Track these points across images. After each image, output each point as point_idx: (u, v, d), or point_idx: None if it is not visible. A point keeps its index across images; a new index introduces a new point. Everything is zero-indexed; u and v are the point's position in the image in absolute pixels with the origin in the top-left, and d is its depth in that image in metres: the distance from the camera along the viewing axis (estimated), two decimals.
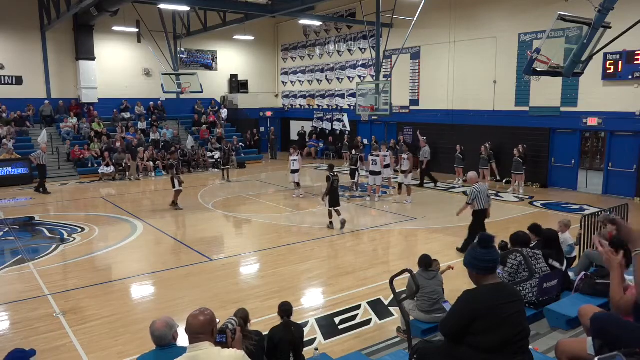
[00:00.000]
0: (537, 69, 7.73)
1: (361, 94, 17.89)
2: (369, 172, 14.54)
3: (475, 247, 3.05)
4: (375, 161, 14.20)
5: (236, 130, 25.45)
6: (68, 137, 20.62)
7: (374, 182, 14.45)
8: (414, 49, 20.18)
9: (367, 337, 6.11)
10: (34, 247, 10.15)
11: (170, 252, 9.91)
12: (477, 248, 3.04)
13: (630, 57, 13.73)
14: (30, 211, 13.59)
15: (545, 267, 5.65)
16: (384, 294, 7.32)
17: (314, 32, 25.76)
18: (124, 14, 19.68)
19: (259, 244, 10.56)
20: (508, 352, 2.95)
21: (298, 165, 14.86)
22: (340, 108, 24.66)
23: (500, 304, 2.95)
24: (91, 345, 5.96)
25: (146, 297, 7.87)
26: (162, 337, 3.43)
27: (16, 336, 6.24)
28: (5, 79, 21.01)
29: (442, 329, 3.20)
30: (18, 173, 17.91)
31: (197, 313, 2.86)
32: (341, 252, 9.81)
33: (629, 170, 14.54)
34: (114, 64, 23.26)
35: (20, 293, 7.67)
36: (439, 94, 19.54)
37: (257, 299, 7.28)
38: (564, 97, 15.67)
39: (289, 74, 27.90)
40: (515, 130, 16.81)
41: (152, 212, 13.57)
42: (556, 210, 13.17)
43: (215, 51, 26.42)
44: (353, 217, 12.70)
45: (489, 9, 17.58)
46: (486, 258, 3.01)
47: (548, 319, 5.35)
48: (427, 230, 11.30)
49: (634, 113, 14.09)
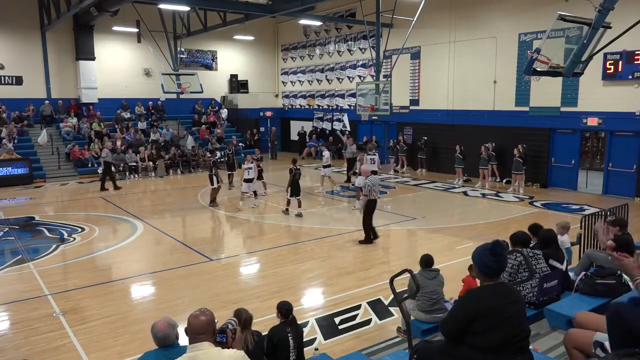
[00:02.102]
0: (537, 69, 7.73)
1: (361, 94, 17.88)
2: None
3: (487, 252, 3.03)
4: (373, 160, 14.32)
5: (236, 130, 25.46)
6: (68, 137, 20.62)
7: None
8: (414, 49, 20.18)
9: (367, 337, 6.11)
10: (34, 247, 10.15)
11: (170, 252, 9.91)
12: (487, 254, 3.02)
13: (630, 57, 13.73)
14: (30, 211, 13.59)
15: (546, 267, 5.64)
16: (384, 294, 7.32)
17: (314, 32, 25.76)
18: (124, 14, 19.67)
19: (259, 244, 10.56)
20: (508, 352, 2.95)
21: (253, 174, 13.83)
22: (340, 108, 24.66)
23: (500, 304, 2.95)
24: (91, 345, 5.96)
25: (146, 297, 7.87)
26: (165, 337, 3.42)
27: (16, 336, 6.23)
28: (5, 79, 21.01)
29: (442, 329, 3.20)
30: (18, 173, 17.91)
31: (197, 313, 2.87)
32: (341, 252, 9.80)
33: (629, 170, 14.54)
34: (114, 64, 23.26)
35: (20, 293, 7.67)
36: (439, 94, 19.54)
37: (257, 299, 7.28)
38: (564, 97, 15.67)
39: (289, 74, 27.90)
40: (515, 130, 16.81)
41: (152, 212, 13.57)
42: (556, 210, 13.17)
43: (215, 51, 26.42)
44: (353, 217, 12.72)
45: (489, 9, 17.58)
46: (493, 265, 3.03)
47: (548, 319, 5.35)
48: (427, 230, 11.30)
49: (634, 113, 14.09)
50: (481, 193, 15.65)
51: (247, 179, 13.80)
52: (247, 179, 13.79)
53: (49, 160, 19.57)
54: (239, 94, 26.78)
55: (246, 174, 13.84)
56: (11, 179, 17.65)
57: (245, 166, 14.01)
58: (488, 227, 11.45)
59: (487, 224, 11.78)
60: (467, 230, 11.29)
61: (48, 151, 19.86)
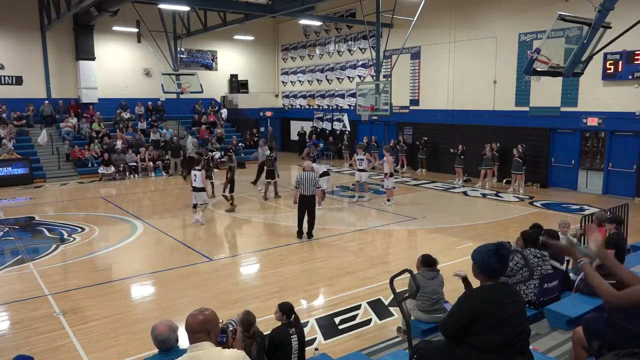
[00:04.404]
0: (537, 69, 7.73)
1: (361, 94, 17.87)
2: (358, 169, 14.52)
3: (490, 254, 3.02)
4: (362, 161, 14.20)
5: (236, 130, 25.45)
6: (68, 137, 20.62)
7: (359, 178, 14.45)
8: (414, 49, 20.18)
9: (367, 337, 6.11)
10: (34, 247, 10.14)
11: (170, 252, 9.90)
12: (491, 255, 3.02)
13: (630, 57, 13.73)
14: (30, 211, 13.59)
15: (550, 269, 5.67)
16: (384, 294, 7.31)
17: (314, 32, 25.76)
18: (124, 14, 19.67)
19: (259, 244, 10.56)
20: (508, 352, 2.95)
21: (200, 182, 11.72)
22: (340, 108, 24.66)
23: (501, 304, 2.95)
24: (91, 345, 5.95)
25: (146, 297, 7.87)
26: (166, 340, 3.40)
27: (16, 336, 6.23)
28: (5, 79, 21.01)
29: (442, 329, 3.20)
30: (18, 173, 17.90)
31: (196, 312, 2.87)
32: (341, 252, 9.80)
33: (629, 170, 14.54)
34: (114, 64, 23.26)
35: (20, 293, 7.67)
36: (439, 94, 19.54)
37: (257, 299, 7.28)
38: (564, 97, 15.67)
39: (289, 74, 27.89)
40: (515, 130, 16.81)
41: (152, 212, 13.56)
42: (556, 210, 13.17)
43: (215, 51, 26.42)
44: (353, 217, 12.71)
45: (489, 9, 17.58)
46: (496, 267, 3.03)
47: (548, 319, 5.35)
48: (427, 230, 11.30)
49: (634, 113, 14.09)
50: (481, 193, 15.65)
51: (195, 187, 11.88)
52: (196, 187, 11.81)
53: (49, 160, 19.57)
54: (239, 94, 26.78)
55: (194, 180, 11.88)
56: (11, 179, 17.65)
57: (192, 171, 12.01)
58: (488, 227, 11.45)
59: (487, 224, 11.78)
60: (467, 230, 11.29)
61: (48, 151, 19.85)
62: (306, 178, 10.32)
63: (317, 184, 10.50)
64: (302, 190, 10.32)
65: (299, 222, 10.56)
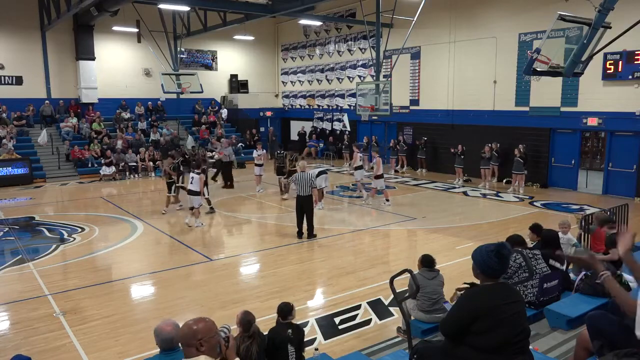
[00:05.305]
0: (537, 69, 7.74)
1: (361, 94, 17.88)
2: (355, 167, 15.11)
3: (491, 254, 3.02)
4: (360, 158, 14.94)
5: (236, 130, 25.45)
6: (68, 137, 20.62)
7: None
8: (414, 49, 20.18)
9: (367, 337, 6.11)
10: (34, 247, 10.15)
11: (170, 252, 9.91)
12: (492, 255, 3.01)
13: (630, 57, 13.73)
14: (30, 211, 13.59)
15: (546, 268, 5.65)
16: (384, 294, 7.31)
17: (314, 32, 25.76)
18: (124, 14, 19.66)
19: (259, 244, 10.56)
20: (508, 352, 2.95)
21: (197, 186, 11.52)
22: (340, 108, 24.65)
23: (501, 304, 2.95)
24: (91, 345, 5.95)
25: (146, 297, 7.87)
26: (169, 339, 3.36)
27: (16, 336, 6.23)
28: (5, 79, 21.01)
29: (442, 329, 3.20)
30: (18, 173, 17.91)
31: (190, 322, 2.66)
32: (341, 252, 9.80)
33: (629, 170, 14.54)
34: (114, 64, 23.26)
35: (20, 293, 7.66)
36: (439, 94, 19.54)
37: (257, 299, 7.28)
38: (564, 97, 15.67)
39: (289, 74, 27.89)
40: (515, 130, 16.81)
41: (152, 212, 13.56)
42: (556, 210, 13.17)
43: (215, 51, 26.42)
44: (352, 217, 12.71)
45: (489, 9, 17.58)
46: (497, 267, 3.03)
47: (548, 319, 5.35)
48: (427, 230, 11.30)
49: (634, 113, 14.08)
50: (481, 193, 15.65)
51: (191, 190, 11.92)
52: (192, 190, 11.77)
53: (49, 160, 19.57)
54: (239, 93, 26.77)
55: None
56: (11, 179, 17.65)
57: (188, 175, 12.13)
58: (488, 227, 11.45)
59: (487, 224, 11.78)
60: (467, 230, 11.29)
61: (48, 151, 19.86)
62: (302, 178, 10.38)
63: (313, 184, 10.52)
64: (299, 190, 10.40)
65: (298, 222, 10.60)
